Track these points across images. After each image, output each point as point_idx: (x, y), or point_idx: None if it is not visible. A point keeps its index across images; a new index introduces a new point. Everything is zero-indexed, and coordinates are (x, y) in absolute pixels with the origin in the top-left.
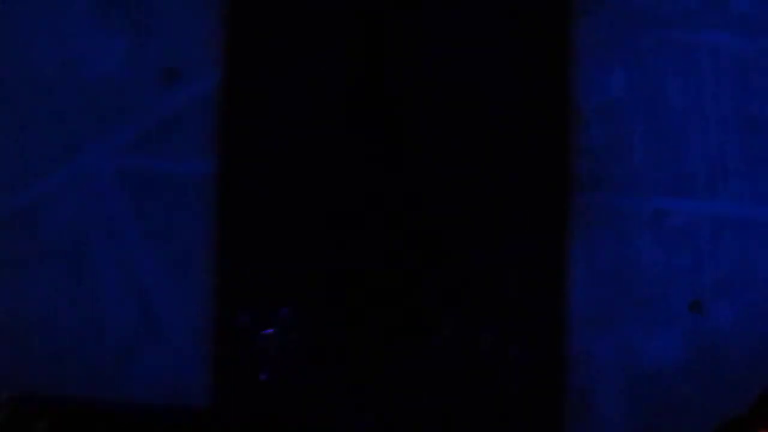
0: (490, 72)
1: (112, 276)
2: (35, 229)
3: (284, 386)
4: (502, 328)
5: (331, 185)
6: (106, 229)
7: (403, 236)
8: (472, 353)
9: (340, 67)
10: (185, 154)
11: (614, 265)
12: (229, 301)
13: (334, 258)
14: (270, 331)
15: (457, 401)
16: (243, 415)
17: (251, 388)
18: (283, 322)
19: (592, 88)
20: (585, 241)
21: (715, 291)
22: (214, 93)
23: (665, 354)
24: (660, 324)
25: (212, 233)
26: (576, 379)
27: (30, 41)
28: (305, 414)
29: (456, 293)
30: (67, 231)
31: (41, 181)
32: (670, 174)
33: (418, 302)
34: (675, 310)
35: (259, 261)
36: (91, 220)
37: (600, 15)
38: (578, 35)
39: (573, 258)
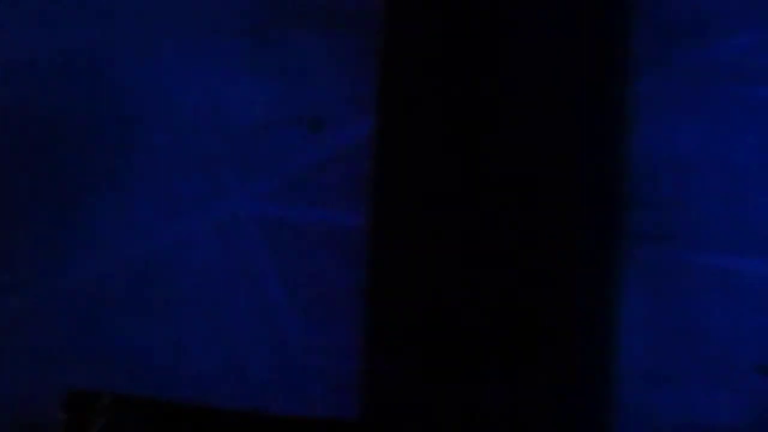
0: (548, 127)
1: (251, 325)
2: (173, 273)
3: None
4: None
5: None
6: (246, 276)
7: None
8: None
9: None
10: (329, 204)
11: (679, 322)
12: (373, 353)
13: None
14: None
15: None
16: None
17: None
18: None
19: (661, 140)
20: (649, 296)
21: None
22: (357, 144)
23: (728, 416)
24: (724, 385)
25: (356, 284)
26: None
27: (179, 87)
28: None
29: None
30: (205, 277)
31: (181, 225)
32: (741, 232)
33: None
34: (741, 371)
35: (406, 311)
36: (231, 267)
37: (671, 68)
38: (646, 88)
39: (635, 313)
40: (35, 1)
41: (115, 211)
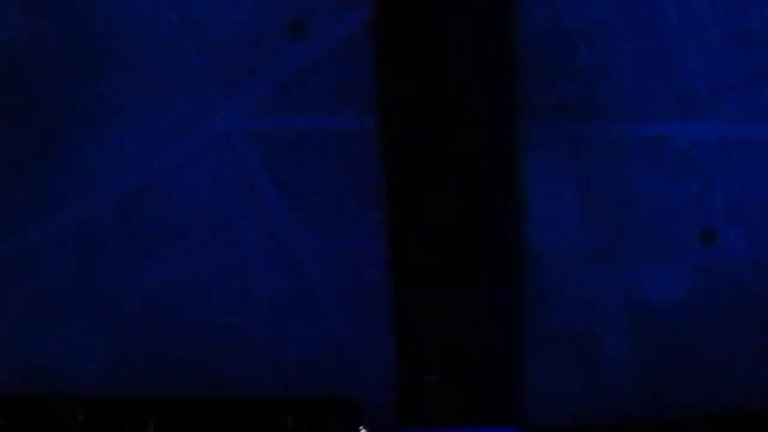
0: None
1: (257, 244)
2: (168, 201)
3: None
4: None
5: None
6: (246, 193)
7: None
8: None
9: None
10: (320, 109)
11: (615, 197)
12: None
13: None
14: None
15: None
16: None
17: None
18: None
19: (576, 9)
20: (579, 173)
21: (726, 217)
22: (344, 43)
23: (675, 289)
24: (669, 257)
25: (360, 187)
26: (581, 321)
27: (151, 3)
28: None
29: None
30: (203, 201)
31: (169, 150)
32: (668, 96)
33: None
34: (684, 240)
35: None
36: (228, 186)
37: None
38: None
39: (568, 191)
40: None
41: (97, 143)
